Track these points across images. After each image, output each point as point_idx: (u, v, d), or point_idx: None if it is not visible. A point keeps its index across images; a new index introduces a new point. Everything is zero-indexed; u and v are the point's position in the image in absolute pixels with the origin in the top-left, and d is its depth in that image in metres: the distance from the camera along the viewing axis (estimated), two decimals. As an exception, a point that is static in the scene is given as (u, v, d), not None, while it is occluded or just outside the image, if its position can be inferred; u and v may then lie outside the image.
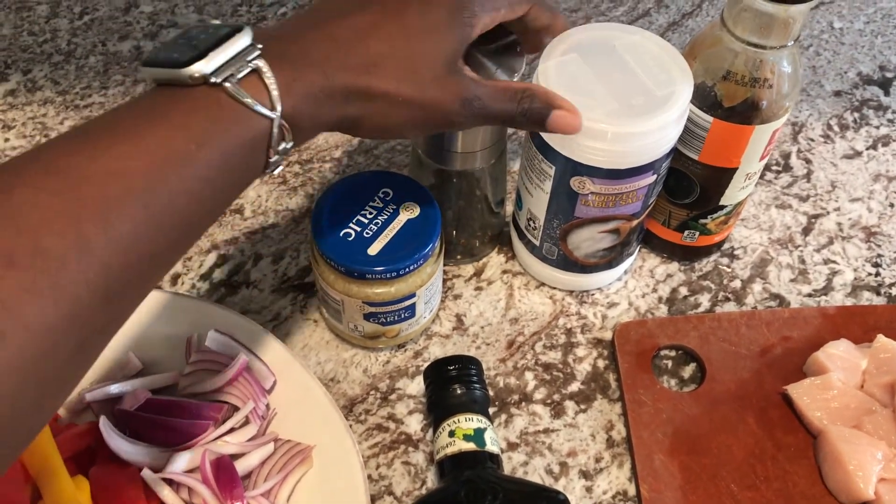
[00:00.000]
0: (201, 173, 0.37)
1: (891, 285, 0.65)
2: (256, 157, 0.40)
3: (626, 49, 0.54)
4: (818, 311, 0.63)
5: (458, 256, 0.65)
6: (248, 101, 0.39)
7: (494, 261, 0.65)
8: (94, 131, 0.37)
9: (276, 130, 0.40)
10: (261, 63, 0.39)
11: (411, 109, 0.44)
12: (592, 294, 0.64)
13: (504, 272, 0.65)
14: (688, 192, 0.60)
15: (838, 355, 0.58)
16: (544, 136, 0.54)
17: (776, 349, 0.61)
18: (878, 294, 0.65)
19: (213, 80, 0.38)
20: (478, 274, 0.65)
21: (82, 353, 0.35)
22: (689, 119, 0.55)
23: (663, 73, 0.53)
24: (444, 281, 0.64)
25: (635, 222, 0.58)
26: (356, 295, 0.54)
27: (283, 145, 0.41)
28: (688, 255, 0.65)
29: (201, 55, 0.38)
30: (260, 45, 0.40)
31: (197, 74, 0.38)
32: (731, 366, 0.60)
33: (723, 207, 0.61)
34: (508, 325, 0.62)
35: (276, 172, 0.42)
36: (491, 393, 0.58)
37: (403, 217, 0.55)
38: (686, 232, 0.63)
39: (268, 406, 0.54)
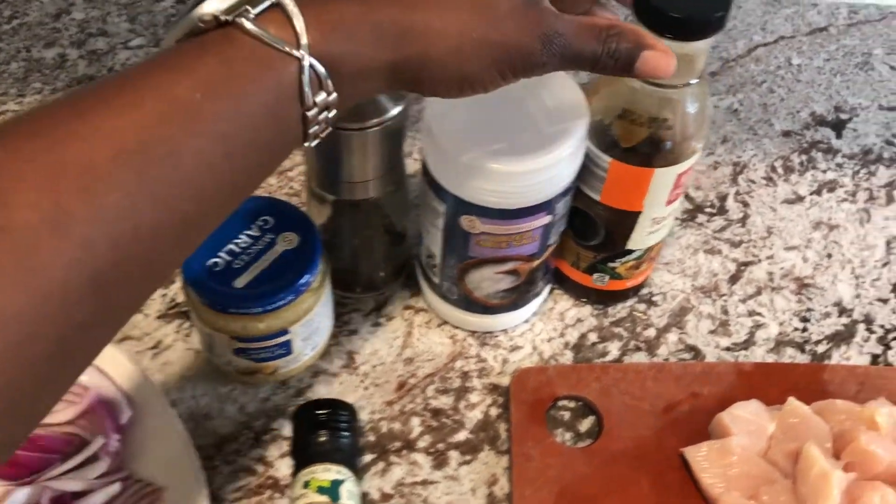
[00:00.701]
0: (211, 129, 0.31)
1: (817, 342, 0.61)
2: (287, 111, 0.33)
3: (522, 81, 0.51)
4: (733, 366, 0.59)
5: (358, 289, 0.61)
6: (266, 35, 0.32)
7: (398, 295, 0.62)
8: (90, 89, 0.31)
9: (306, 74, 0.33)
10: None
11: (483, 50, 0.37)
12: (496, 336, 0.60)
13: (406, 308, 0.61)
14: (593, 234, 0.56)
15: (744, 417, 0.54)
16: (432, 171, 0.51)
17: (682, 406, 0.57)
18: (803, 351, 0.60)
19: (224, 18, 0.32)
20: (378, 308, 0.61)
21: (64, 353, 0.29)
22: (588, 158, 0.51)
23: (557, 108, 0.50)
24: (340, 315, 0.60)
25: (535, 263, 0.55)
26: (223, 329, 0.51)
27: (321, 96, 0.34)
28: (602, 299, 0.62)
29: None
30: None
31: (207, 14, 0.32)
32: (631, 422, 0.56)
33: (630, 252, 0.57)
34: (402, 365, 0.59)
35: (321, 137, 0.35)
36: (372, 438, 0.55)
37: (280, 248, 0.52)
38: (595, 275, 0.59)
39: (121, 442, 0.51)
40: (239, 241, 0.52)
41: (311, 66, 0.33)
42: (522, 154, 0.47)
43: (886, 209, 0.68)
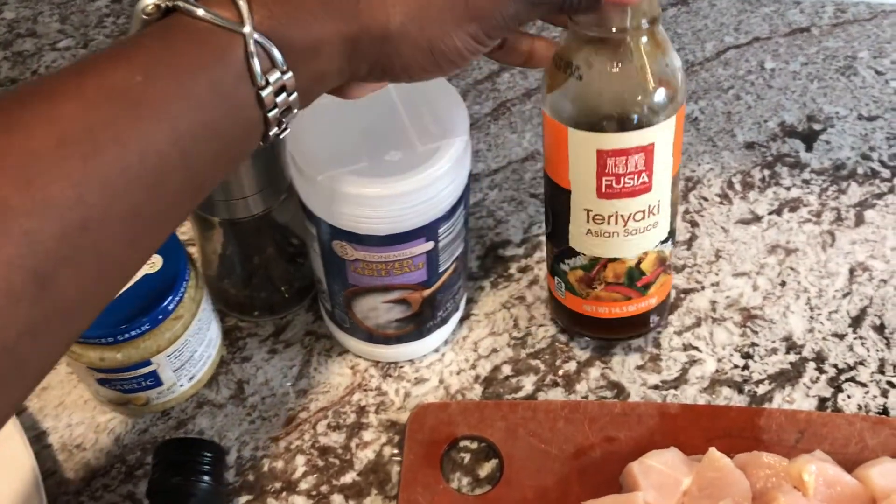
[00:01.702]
0: (155, 111, 0.30)
1: (758, 382, 0.55)
2: (237, 91, 0.32)
3: (400, 94, 0.46)
4: (657, 408, 0.53)
5: (256, 313, 0.57)
6: (207, 14, 0.31)
7: (300, 319, 0.58)
8: (33, 82, 0.31)
9: (251, 48, 0.32)
10: None
11: (448, 10, 0.35)
12: (401, 367, 0.56)
13: (308, 334, 0.57)
14: (546, 216, 0.51)
15: (657, 469, 0.49)
16: (300, 192, 0.46)
17: (594, 452, 0.51)
18: (741, 392, 0.54)
19: (165, 4, 0.32)
20: (277, 333, 0.57)
21: (11, 363, 0.28)
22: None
23: (436, 123, 0.45)
24: (235, 340, 0.56)
25: (427, 292, 0.50)
26: (79, 359, 0.48)
27: (275, 76, 0.32)
28: (560, 313, 0.55)
29: None
30: None
31: (149, 4, 0.32)
32: (535, 467, 0.51)
33: (574, 253, 0.49)
34: (295, 397, 0.54)
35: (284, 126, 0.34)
36: (251, 478, 0.51)
37: (141, 272, 0.48)
38: (556, 279, 0.52)
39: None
40: (99, 263, 0.48)
41: (258, 41, 0.31)
42: (387, 175, 0.43)
43: (854, 232, 0.61)
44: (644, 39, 0.42)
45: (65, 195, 0.28)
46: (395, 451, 0.52)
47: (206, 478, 0.46)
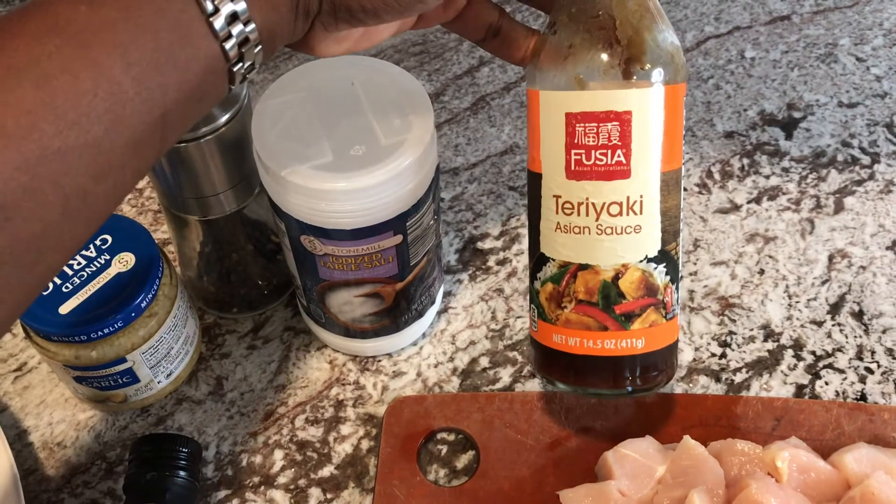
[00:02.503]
0: (101, 39, 0.30)
1: (735, 371, 0.55)
2: (187, 17, 0.31)
3: (364, 88, 0.46)
4: (633, 398, 0.53)
5: (235, 309, 0.57)
6: None
7: (279, 315, 0.58)
8: None
9: None
10: None
11: None
12: (379, 360, 0.56)
13: (287, 329, 0.57)
14: (529, 232, 0.46)
15: (632, 458, 0.49)
16: (267, 188, 0.46)
17: (570, 442, 0.52)
18: (718, 380, 0.54)
19: None
20: (256, 330, 0.57)
21: None
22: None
23: (399, 116, 0.45)
24: (214, 337, 0.57)
25: (400, 285, 0.50)
26: (55, 357, 0.48)
27: (226, 3, 0.32)
28: (533, 353, 0.48)
29: None
30: None
31: None
32: (511, 458, 0.51)
33: (544, 259, 0.44)
34: (273, 392, 0.55)
35: (249, 66, 0.34)
36: (229, 472, 0.51)
37: (114, 270, 0.48)
38: (532, 308, 0.46)
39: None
40: (72, 262, 0.48)
41: None
42: (351, 170, 0.43)
43: (833, 219, 0.61)
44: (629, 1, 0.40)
45: (18, 123, 0.28)
46: (373, 444, 0.52)
47: (181, 473, 0.47)
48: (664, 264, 0.43)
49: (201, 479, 0.50)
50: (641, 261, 0.42)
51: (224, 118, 0.45)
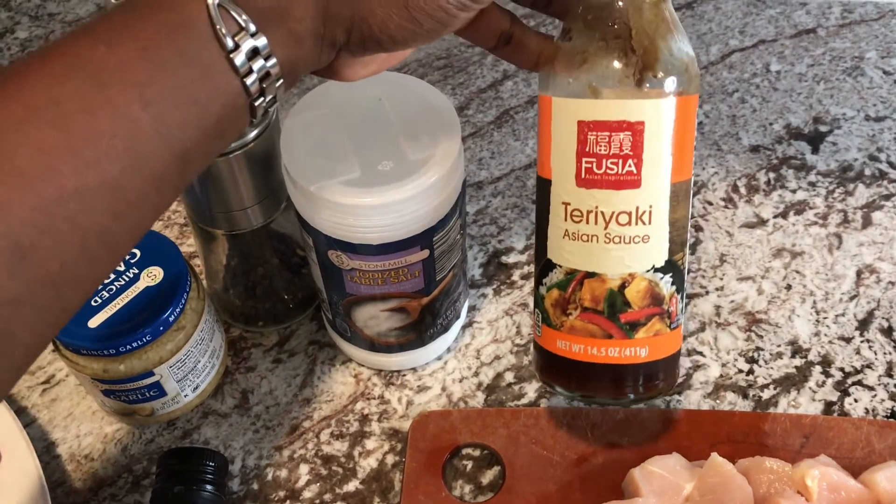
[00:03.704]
0: (120, 77, 0.30)
1: (763, 387, 0.54)
2: (206, 55, 0.31)
3: (392, 103, 0.46)
4: (660, 413, 0.53)
5: (261, 323, 0.58)
6: None
7: (304, 329, 0.58)
8: (6, 67, 0.32)
9: (213, 12, 0.31)
10: None
11: None
12: (404, 375, 0.56)
13: (312, 343, 0.57)
14: (536, 238, 0.45)
15: (659, 475, 0.48)
16: (295, 203, 0.46)
17: (596, 458, 0.51)
18: (745, 397, 0.54)
19: None
20: (281, 343, 0.57)
21: None
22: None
23: (427, 131, 0.45)
24: (240, 350, 0.57)
25: (426, 300, 0.50)
26: (83, 370, 0.48)
27: (246, 39, 0.32)
28: (536, 359, 0.48)
29: None
30: None
31: None
32: (537, 474, 0.51)
33: (551, 266, 0.44)
34: (298, 406, 0.55)
35: (267, 100, 0.34)
36: (255, 487, 0.51)
37: (142, 284, 0.48)
38: (536, 313, 0.46)
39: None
40: (102, 276, 0.49)
41: (221, 4, 0.31)
42: (379, 185, 0.43)
43: (861, 234, 0.61)
44: (645, 8, 0.39)
45: (34, 164, 0.28)
46: (398, 459, 0.52)
47: (208, 487, 0.47)
48: (670, 274, 0.43)
49: (227, 494, 0.50)
50: (648, 270, 0.42)
51: (253, 134, 0.46)
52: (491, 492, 0.51)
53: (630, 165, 0.40)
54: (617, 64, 0.39)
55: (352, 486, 0.51)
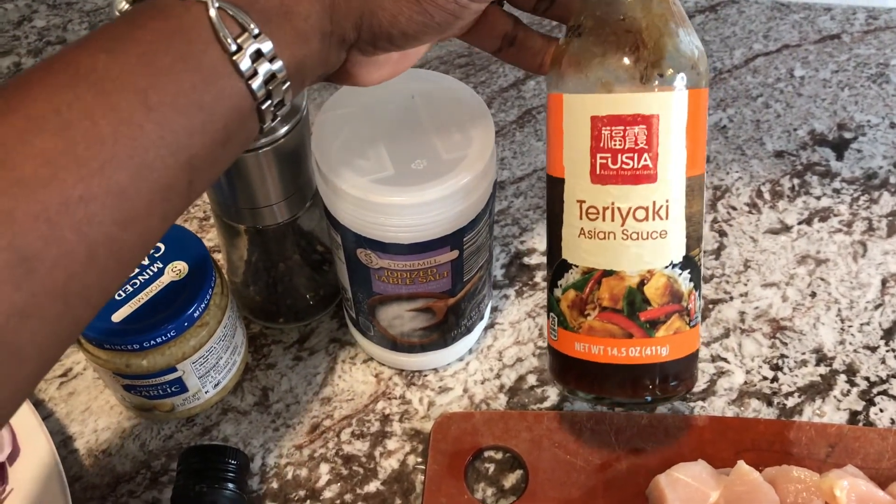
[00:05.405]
0: (122, 85, 0.29)
1: (788, 395, 0.54)
2: (207, 58, 0.31)
3: (425, 101, 0.46)
4: (684, 420, 0.52)
5: (281, 319, 0.57)
6: None
7: (325, 326, 0.57)
8: (9, 80, 0.31)
9: (214, 14, 0.31)
10: None
11: None
12: (425, 375, 0.55)
13: (332, 341, 0.57)
14: (548, 241, 0.44)
15: (684, 482, 0.48)
16: (325, 200, 0.46)
17: (621, 464, 0.51)
18: (770, 404, 0.53)
19: None
20: (302, 341, 0.57)
21: (2, 344, 0.28)
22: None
23: (460, 131, 0.44)
24: (260, 347, 0.56)
25: (452, 301, 0.49)
26: (105, 365, 0.48)
27: (249, 41, 0.31)
28: (552, 364, 0.46)
29: None
30: None
31: (122, 3, 0.32)
32: (560, 479, 0.50)
33: (566, 266, 0.43)
34: (319, 404, 0.54)
35: (274, 111, 0.34)
36: (275, 485, 0.51)
37: (167, 279, 0.48)
38: (551, 317, 0.45)
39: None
40: (126, 270, 0.48)
41: (221, 7, 0.31)
42: (412, 184, 0.42)
43: (887, 242, 0.60)
44: (654, 2, 0.39)
45: (38, 173, 0.27)
46: (419, 460, 0.52)
47: (230, 485, 0.46)
48: (688, 270, 0.42)
49: (248, 492, 0.50)
50: (667, 266, 0.42)
51: (283, 129, 0.45)
52: (513, 495, 0.50)
53: (645, 159, 0.40)
54: (628, 58, 0.39)
55: (373, 486, 0.51)
